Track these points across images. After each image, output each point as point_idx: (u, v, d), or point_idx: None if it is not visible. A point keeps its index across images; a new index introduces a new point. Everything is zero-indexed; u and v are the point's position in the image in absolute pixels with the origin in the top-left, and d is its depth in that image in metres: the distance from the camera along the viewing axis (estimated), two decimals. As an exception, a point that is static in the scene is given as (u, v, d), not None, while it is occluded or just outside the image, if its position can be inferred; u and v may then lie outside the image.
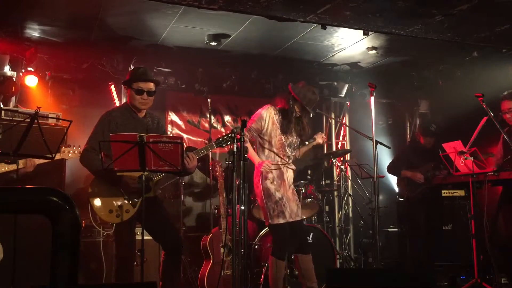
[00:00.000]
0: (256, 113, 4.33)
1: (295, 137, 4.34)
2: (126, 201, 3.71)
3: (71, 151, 4.35)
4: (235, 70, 6.58)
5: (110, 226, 4.80)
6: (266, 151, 4.25)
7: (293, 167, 4.38)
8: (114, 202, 3.68)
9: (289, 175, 4.30)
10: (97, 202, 3.68)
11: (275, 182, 4.19)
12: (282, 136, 4.24)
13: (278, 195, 4.16)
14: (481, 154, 4.70)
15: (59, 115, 5.02)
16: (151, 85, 3.87)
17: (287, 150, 4.27)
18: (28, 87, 5.57)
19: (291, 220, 4.17)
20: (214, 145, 3.81)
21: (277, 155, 4.25)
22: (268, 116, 4.24)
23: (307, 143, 4.47)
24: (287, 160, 4.29)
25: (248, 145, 4.21)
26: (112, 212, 3.66)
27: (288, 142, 4.28)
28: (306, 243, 4.42)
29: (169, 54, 6.05)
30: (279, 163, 4.26)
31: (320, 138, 4.50)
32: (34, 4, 4.64)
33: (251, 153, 4.23)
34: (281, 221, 4.14)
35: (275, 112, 4.26)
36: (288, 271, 4.88)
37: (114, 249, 3.83)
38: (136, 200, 3.72)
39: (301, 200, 4.91)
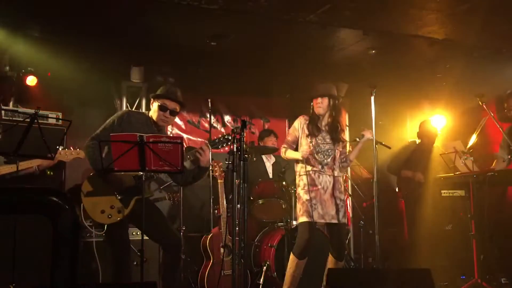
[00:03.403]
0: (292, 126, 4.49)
1: (327, 142, 4.33)
2: (118, 202, 3.69)
3: (67, 153, 4.33)
4: (235, 70, 6.58)
5: (102, 226, 4.80)
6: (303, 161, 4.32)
7: (330, 173, 4.31)
8: (106, 203, 3.66)
9: (324, 180, 4.28)
10: (89, 202, 3.66)
11: (305, 188, 4.27)
12: (311, 144, 4.30)
13: (306, 196, 4.24)
14: (483, 158, 4.69)
15: (59, 115, 5.02)
16: (177, 106, 3.87)
17: (317, 157, 4.29)
18: (28, 87, 5.57)
19: (322, 221, 4.22)
20: (210, 147, 3.79)
21: (307, 163, 4.29)
22: (298, 125, 4.39)
23: (357, 139, 4.38)
24: (319, 167, 4.29)
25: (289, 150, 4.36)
26: (104, 212, 3.64)
27: (318, 149, 4.30)
28: (342, 249, 4.37)
29: (169, 54, 6.05)
30: (309, 170, 4.30)
31: (368, 134, 4.34)
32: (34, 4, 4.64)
33: (291, 153, 4.37)
34: (305, 219, 4.20)
35: (306, 122, 4.36)
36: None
37: (110, 250, 3.83)
38: (128, 200, 3.71)
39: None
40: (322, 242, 4.95)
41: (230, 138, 3.74)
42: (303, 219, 4.22)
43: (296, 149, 4.41)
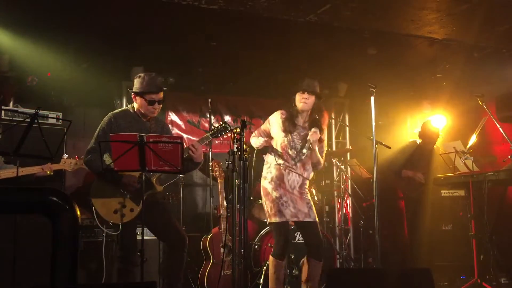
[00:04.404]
0: None
1: (303, 139, 4.15)
2: (130, 200, 3.71)
3: (72, 162, 4.35)
4: (235, 70, 6.58)
5: (113, 226, 4.81)
6: (273, 152, 4.19)
7: (300, 172, 4.15)
8: (118, 202, 3.68)
9: (292, 178, 4.13)
10: (100, 202, 3.67)
11: (273, 182, 4.11)
12: (285, 139, 4.15)
13: (275, 194, 4.07)
14: (483, 157, 4.70)
15: (59, 115, 5.02)
16: (161, 95, 3.92)
17: (291, 153, 4.14)
18: (28, 87, 5.57)
19: (295, 219, 4.08)
20: (210, 136, 3.86)
21: (280, 157, 4.14)
22: (273, 118, 4.26)
23: (304, 151, 4.11)
24: (291, 163, 4.13)
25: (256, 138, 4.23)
26: (117, 212, 3.66)
27: (292, 144, 4.15)
28: (318, 247, 4.17)
29: (169, 54, 6.05)
30: (280, 164, 4.14)
31: (310, 136, 4.07)
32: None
33: (253, 140, 4.24)
34: (277, 219, 4.03)
35: (283, 117, 4.21)
36: (288, 271, 4.88)
37: (119, 249, 3.83)
38: (139, 198, 3.72)
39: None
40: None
41: (228, 125, 3.81)
42: (275, 219, 4.04)
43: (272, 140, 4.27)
